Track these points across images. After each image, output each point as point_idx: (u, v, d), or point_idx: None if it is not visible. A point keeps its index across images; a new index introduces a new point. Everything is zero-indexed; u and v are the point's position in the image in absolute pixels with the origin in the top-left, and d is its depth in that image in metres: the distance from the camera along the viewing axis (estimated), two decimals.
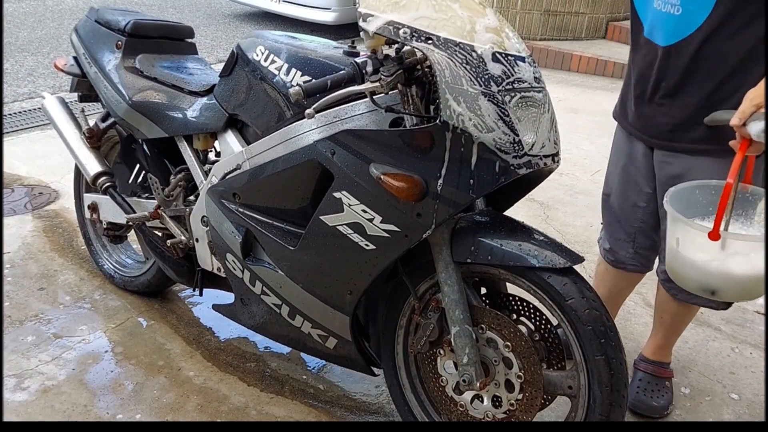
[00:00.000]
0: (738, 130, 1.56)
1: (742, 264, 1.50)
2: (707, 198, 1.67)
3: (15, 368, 2.23)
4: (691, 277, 1.58)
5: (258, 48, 1.87)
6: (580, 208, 3.63)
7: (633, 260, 2.16)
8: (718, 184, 1.64)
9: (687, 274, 1.59)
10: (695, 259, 1.54)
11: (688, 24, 1.73)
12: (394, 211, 1.59)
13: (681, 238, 1.58)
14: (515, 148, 1.50)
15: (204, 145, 2.15)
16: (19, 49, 6.00)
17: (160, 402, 2.12)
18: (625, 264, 2.19)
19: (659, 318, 2.22)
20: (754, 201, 1.64)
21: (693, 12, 1.71)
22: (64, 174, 3.58)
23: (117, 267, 2.73)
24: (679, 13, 1.73)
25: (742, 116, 1.53)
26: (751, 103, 1.54)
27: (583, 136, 4.64)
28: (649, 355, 2.28)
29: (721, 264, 1.50)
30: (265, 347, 2.42)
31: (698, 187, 1.68)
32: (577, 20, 7.01)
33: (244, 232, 1.95)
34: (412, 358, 1.91)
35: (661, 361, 2.27)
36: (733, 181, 1.50)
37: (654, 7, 1.80)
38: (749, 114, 1.52)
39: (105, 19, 2.42)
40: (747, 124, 1.52)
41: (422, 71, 1.57)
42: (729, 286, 1.54)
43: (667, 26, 1.77)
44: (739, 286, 1.54)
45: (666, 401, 2.20)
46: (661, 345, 2.26)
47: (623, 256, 2.17)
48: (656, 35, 1.83)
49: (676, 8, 1.74)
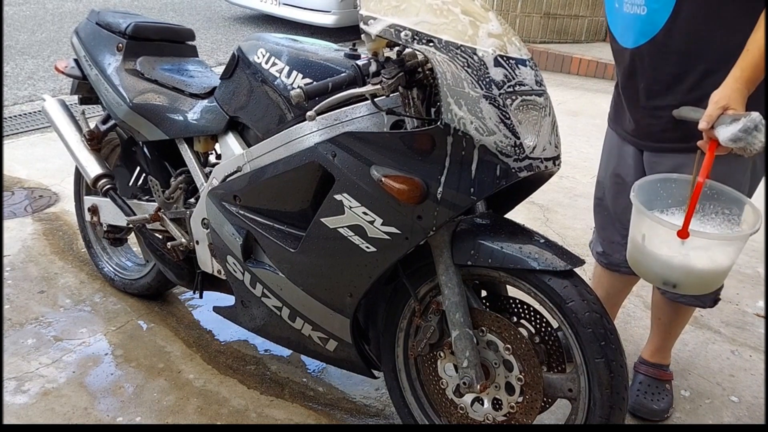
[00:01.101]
0: (706, 133, 1.56)
1: (704, 259, 1.53)
2: (668, 191, 1.70)
3: (15, 371, 2.23)
4: (654, 270, 1.61)
5: (259, 50, 1.88)
6: (580, 210, 3.63)
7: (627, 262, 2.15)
8: (679, 178, 1.68)
9: (650, 267, 1.62)
10: (660, 254, 1.57)
11: (652, 24, 1.75)
12: (395, 214, 1.59)
13: (647, 233, 1.60)
14: (516, 151, 1.51)
15: (205, 148, 2.15)
16: (20, 52, 6.01)
17: (160, 405, 2.12)
18: (619, 266, 2.18)
19: (656, 319, 2.22)
20: (711, 195, 1.66)
21: (657, 11, 1.73)
22: (65, 177, 3.58)
23: (117, 270, 2.73)
24: (644, 13, 1.75)
25: (709, 120, 1.53)
26: (716, 105, 1.53)
27: (582, 139, 4.65)
28: (648, 357, 2.29)
29: (683, 259, 1.53)
30: (266, 350, 2.42)
31: (660, 180, 1.71)
32: (576, 23, 7.02)
33: (244, 234, 1.95)
34: (412, 361, 1.91)
35: (660, 364, 2.27)
36: (703, 181, 1.51)
37: (624, 11, 1.81)
38: (716, 117, 1.52)
39: (106, 22, 2.42)
40: (715, 128, 1.52)
41: (423, 74, 1.58)
42: (689, 279, 1.58)
43: (635, 27, 1.79)
44: (699, 280, 1.58)
45: (666, 404, 2.21)
46: (659, 347, 2.26)
47: (617, 259, 2.17)
48: (626, 39, 1.84)
49: (641, 8, 1.75)
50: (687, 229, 1.50)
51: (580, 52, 6.63)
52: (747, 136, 1.46)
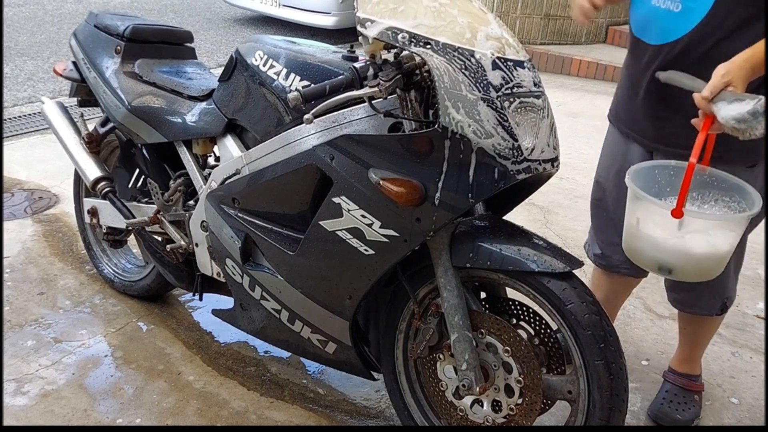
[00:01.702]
0: (704, 106, 1.50)
1: (701, 242, 1.50)
2: (666, 178, 1.67)
3: (15, 373, 2.23)
4: (648, 254, 1.58)
5: (257, 53, 1.88)
6: (580, 212, 3.63)
7: (626, 264, 2.08)
8: (677, 165, 1.65)
9: (644, 251, 1.59)
10: (654, 236, 1.54)
11: (684, 21, 1.68)
12: (394, 216, 1.59)
13: (641, 216, 1.57)
14: (514, 154, 1.50)
15: (203, 150, 2.15)
16: (19, 53, 6.01)
17: (160, 406, 2.12)
18: (619, 267, 2.14)
19: (682, 329, 2.18)
20: (711, 183, 1.63)
21: (691, 9, 1.67)
22: (64, 178, 3.58)
23: (117, 271, 2.73)
24: (678, 10, 1.69)
25: (713, 91, 1.47)
26: (721, 79, 1.48)
27: (582, 141, 4.65)
28: (676, 367, 2.24)
29: (679, 241, 1.50)
30: (265, 351, 2.42)
31: (658, 167, 1.68)
32: (576, 24, 7.01)
33: (243, 236, 1.95)
34: (411, 363, 1.91)
35: (689, 374, 2.22)
36: (695, 161, 1.47)
37: (653, 4, 1.75)
38: (719, 89, 1.47)
39: (104, 24, 2.42)
40: (715, 103, 1.46)
41: (421, 76, 1.58)
42: (686, 264, 1.53)
43: (663, 23, 1.73)
44: (697, 265, 1.54)
45: (692, 415, 2.16)
46: (686, 356, 2.22)
47: (617, 260, 2.12)
48: (649, 34, 1.78)
49: (675, 5, 1.69)
50: (681, 207, 1.46)
51: (580, 53, 6.63)
52: (752, 119, 1.41)
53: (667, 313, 2.70)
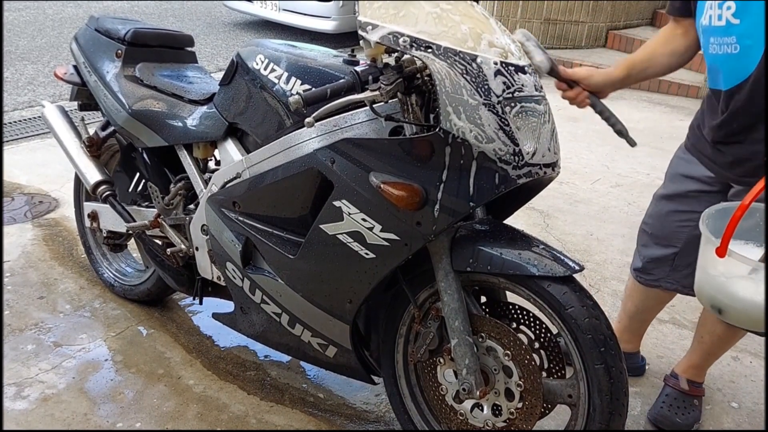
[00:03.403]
0: None
1: (749, 288, 1.43)
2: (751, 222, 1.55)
3: (15, 377, 2.22)
4: (703, 289, 1.54)
5: (258, 57, 1.88)
6: (580, 216, 3.63)
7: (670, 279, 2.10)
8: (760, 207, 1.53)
9: (701, 287, 1.55)
10: (709, 271, 1.49)
11: (747, 60, 1.64)
12: (394, 220, 1.59)
13: (702, 248, 1.53)
14: (515, 159, 1.51)
15: (204, 154, 2.15)
16: (20, 57, 6.02)
17: (160, 410, 2.12)
18: (660, 282, 2.13)
19: (699, 338, 2.15)
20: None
21: (750, 47, 1.62)
22: (64, 183, 3.58)
23: (117, 275, 2.73)
24: (737, 51, 1.65)
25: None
26: None
27: (583, 145, 4.65)
28: (681, 372, 2.22)
29: (727, 281, 1.45)
30: (265, 356, 2.42)
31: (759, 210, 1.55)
32: (577, 29, 7.03)
33: (243, 240, 1.95)
34: (412, 367, 1.91)
35: (692, 380, 2.21)
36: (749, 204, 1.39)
37: (710, 53, 1.72)
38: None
39: (105, 28, 2.42)
40: None
41: (422, 80, 1.58)
42: (733, 307, 1.47)
43: (727, 67, 1.69)
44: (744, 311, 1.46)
45: (691, 419, 2.16)
46: (696, 365, 2.20)
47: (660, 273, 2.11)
48: (719, 80, 1.75)
49: (733, 47, 1.66)
50: (725, 247, 1.40)
51: (580, 57, 6.64)
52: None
53: (667, 317, 2.70)
